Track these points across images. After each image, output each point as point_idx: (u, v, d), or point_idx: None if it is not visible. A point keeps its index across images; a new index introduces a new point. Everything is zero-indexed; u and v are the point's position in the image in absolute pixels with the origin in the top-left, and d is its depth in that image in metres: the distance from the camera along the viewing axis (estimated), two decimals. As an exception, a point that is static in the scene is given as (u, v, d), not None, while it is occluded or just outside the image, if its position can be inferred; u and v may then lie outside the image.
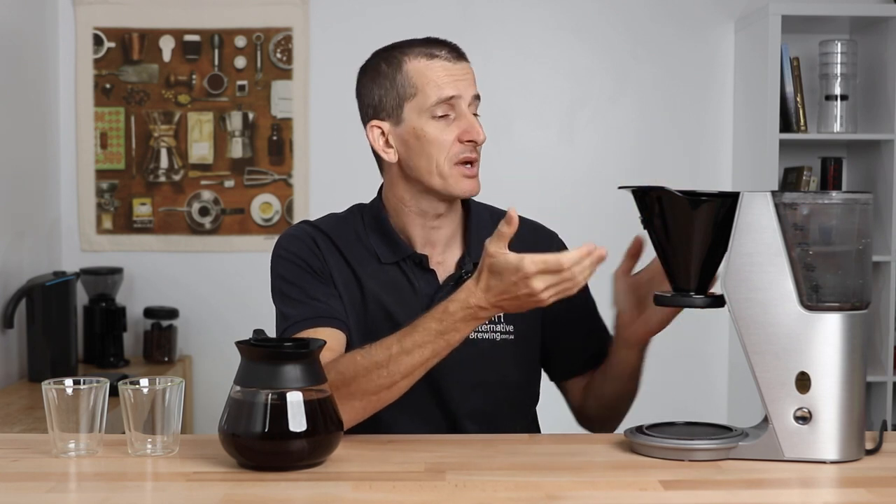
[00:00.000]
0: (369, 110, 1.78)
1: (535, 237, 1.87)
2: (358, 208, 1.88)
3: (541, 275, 1.47)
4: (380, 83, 1.76)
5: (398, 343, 1.57)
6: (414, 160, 1.75)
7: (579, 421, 1.92)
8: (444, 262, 1.82)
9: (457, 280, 1.79)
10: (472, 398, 1.78)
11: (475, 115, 1.77)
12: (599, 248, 1.47)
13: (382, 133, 1.77)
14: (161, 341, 3.45)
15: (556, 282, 1.48)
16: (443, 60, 1.74)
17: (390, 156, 1.77)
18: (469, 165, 1.74)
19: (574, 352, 1.88)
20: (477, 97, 1.77)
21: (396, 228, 1.81)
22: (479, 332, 1.77)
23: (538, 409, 1.91)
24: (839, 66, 3.39)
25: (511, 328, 1.82)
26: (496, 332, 1.81)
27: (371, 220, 1.83)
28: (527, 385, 1.88)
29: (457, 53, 1.77)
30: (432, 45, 1.76)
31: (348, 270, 1.80)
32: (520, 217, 1.86)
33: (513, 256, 1.49)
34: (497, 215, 1.86)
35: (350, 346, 1.79)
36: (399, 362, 1.57)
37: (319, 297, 1.76)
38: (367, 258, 1.80)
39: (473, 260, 1.80)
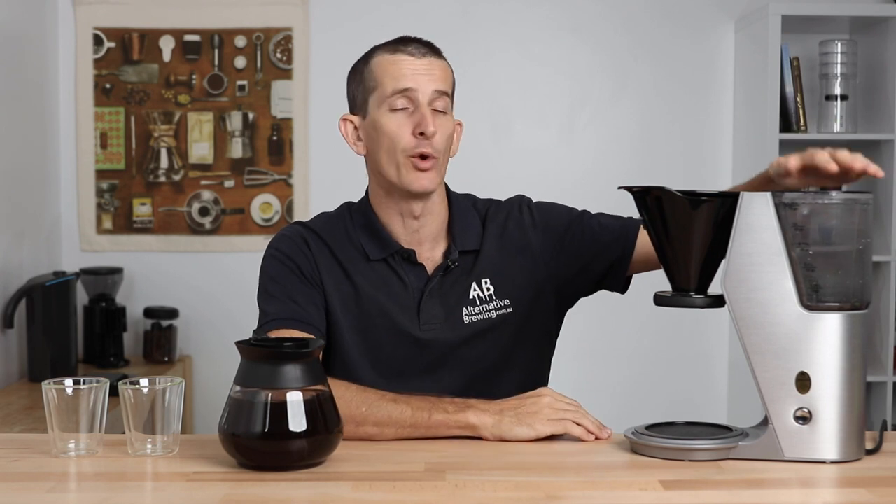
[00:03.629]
0: (348, 106, 1.87)
1: (504, 216, 1.88)
2: (347, 206, 1.90)
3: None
4: (355, 79, 1.84)
5: (392, 394, 1.65)
6: (376, 153, 1.79)
7: None
8: (433, 256, 1.84)
9: (444, 270, 1.82)
10: (479, 390, 1.76)
11: (439, 111, 1.77)
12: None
13: (355, 127, 1.84)
14: (161, 341, 3.45)
15: (564, 407, 1.62)
16: (405, 55, 1.77)
17: (359, 148, 1.84)
18: (422, 159, 1.75)
19: (624, 257, 1.86)
20: (442, 93, 1.77)
21: (383, 224, 1.83)
22: (470, 314, 1.80)
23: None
24: (839, 66, 3.39)
25: (506, 301, 1.83)
26: (490, 310, 1.82)
27: (360, 217, 1.85)
28: (537, 360, 1.89)
29: (424, 50, 1.78)
30: (401, 42, 1.80)
31: (339, 270, 1.82)
32: (481, 200, 1.90)
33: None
34: (480, 204, 1.91)
35: (345, 347, 1.80)
36: (380, 406, 1.62)
37: (299, 300, 1.77)
38: (356, 256, 1.83)
39: (459, 248, 1.83)
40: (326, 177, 3.60)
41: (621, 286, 1.90)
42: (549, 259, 1.86)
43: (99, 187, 3.57)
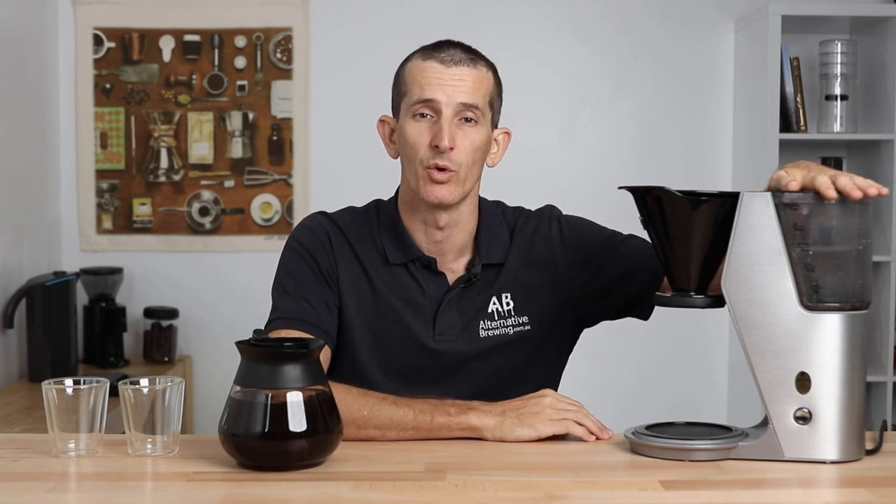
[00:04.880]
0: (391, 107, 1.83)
1: (533, 229, 1.86)
2: (376, 204, 1.87)
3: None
4: (394, 81, 1.80)
5: (393, 397, 1.64)
6: (403, 159, 1.77)
7: None
8: (455, 267, 1.81)
9: (466, 282, 1.79)
10: (488, 401, 1.72)
11: (468, 121, 1.72)
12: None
13: (392, 129, 1.80)
14: (161, 341, 3.45)
15: (566, 407, 1.63)
16: (436, 62, 1.72)
17: (392, 151, 1.81)
18: (437, 171, 1.71)
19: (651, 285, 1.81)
20: (468, 106, 1.71)
21: (406, 230, 1.80)
22: (487, 328, 1.78)
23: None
24: (839, 66, 3.39)
25: (525, 319, 1.81)
26: (507, 326, 1.80)
27: (386, 218, 1.82)
28: (550, 376, 1.88)
29: (459, 57, 1.73)
30: (436, 47, 1.75)
31: (359, 269, 1.80)
32: (510, 208, 1.88)
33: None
34: (509, 214, 1.87)
35: (355, 347, 1.79)
36: (382, 409, 1.62)
37: (312, 299, 1.76)
38: (376, 258, 1.80)
39: (483, 261, 1.80)
40: (326, 177, 3.60)
41: (647, 315, 1.87)
42: (573, 278, 1.83)
43: (99, 187, 3.57)
